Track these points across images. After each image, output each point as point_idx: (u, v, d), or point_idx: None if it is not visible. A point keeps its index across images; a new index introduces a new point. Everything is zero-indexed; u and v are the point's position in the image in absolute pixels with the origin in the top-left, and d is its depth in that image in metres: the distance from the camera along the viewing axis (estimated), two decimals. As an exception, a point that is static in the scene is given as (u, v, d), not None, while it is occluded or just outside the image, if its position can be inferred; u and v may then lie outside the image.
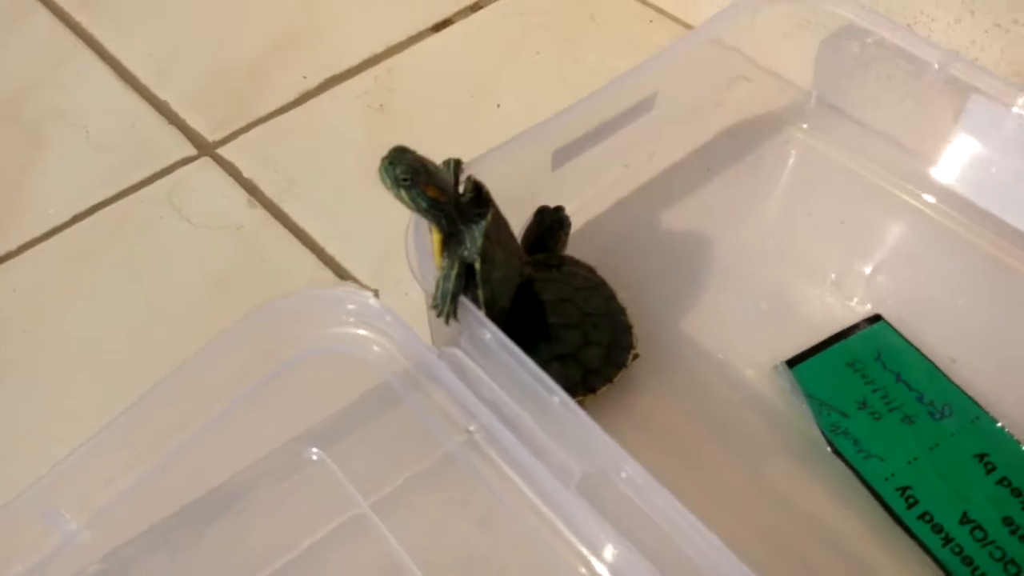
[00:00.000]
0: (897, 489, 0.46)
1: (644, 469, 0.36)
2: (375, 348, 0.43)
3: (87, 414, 0.46)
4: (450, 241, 0.43)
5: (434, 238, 0.43)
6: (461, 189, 0.46)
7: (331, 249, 0.59)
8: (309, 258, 0.59)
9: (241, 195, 0.63)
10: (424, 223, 0.44)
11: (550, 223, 0.53)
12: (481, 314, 0.42)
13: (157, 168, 0.64)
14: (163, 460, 0.43)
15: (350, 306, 0.42)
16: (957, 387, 0.50)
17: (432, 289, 0.42)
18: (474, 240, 0.42)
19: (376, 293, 0.56)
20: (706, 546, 0.35)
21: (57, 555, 0.42)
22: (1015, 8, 0.56)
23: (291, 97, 0.69)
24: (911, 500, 0.46)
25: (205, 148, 0.66)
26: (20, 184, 0.63)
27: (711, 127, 0.64)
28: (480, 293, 0.42)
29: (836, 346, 0.52)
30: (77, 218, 0.62)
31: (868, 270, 0.57)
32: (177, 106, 0.69)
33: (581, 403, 0.48)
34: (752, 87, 0.64)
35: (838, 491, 0.47)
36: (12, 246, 0.60)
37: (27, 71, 0.71)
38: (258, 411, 0.42)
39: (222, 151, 0.66)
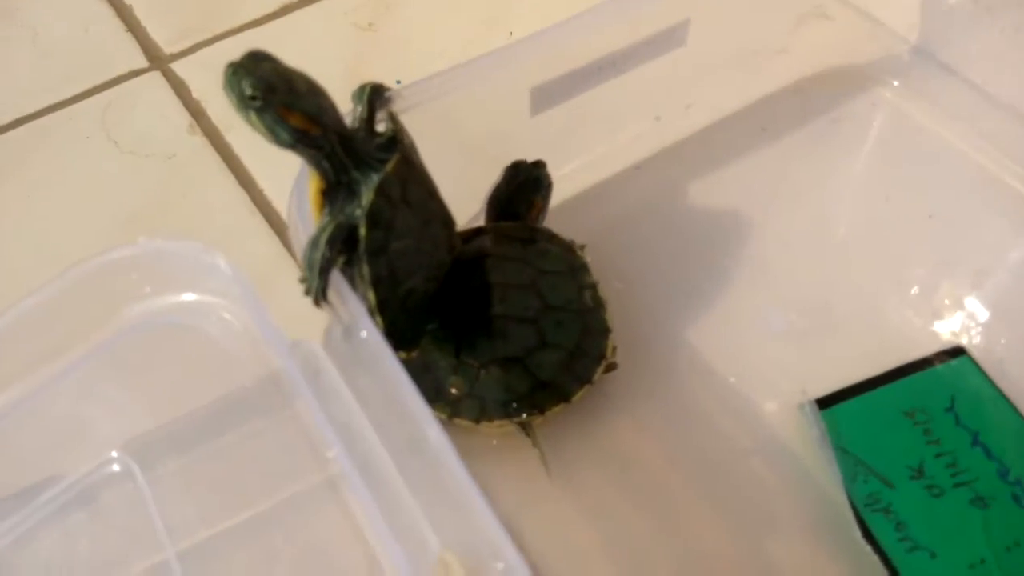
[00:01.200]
0: (950, 604, 0.32)
1: (527, 566, 0.23)
2: (222, 325, 0.31)
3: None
4: (335, 194, 0.31)
5: (312, 187, 0.31)
6: (381, 127, 0.34)
7: (270, 192, 0.49)
8: (242, 200, 0.48)
9: (183, 118, 0.52)
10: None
11: (523, 180, 0.40)
12: (361, 301, 0.30)
13: (99, 81, 0.55)
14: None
15: (194, 268, 0.31)
16: (1062, 463, 0.35)
17: (302, 255, 0.30)
18: (366, 194, 0.30)
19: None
20: None
21: None
22: None
23: (271, 8, 0.59)
24: (968, 623, 0.32)
25: (158, 61, 0.56)
26: (-54, 88, 0.55)
27: (771, 77, 0.50)
28: (365, 269, 0.30)
29: (893, 384, 0.37)
30: (-2, 131, 0.52)
31: (957, 285, 0.42)
32: (141, 11, 0.59)
33: (525, 425, 0.36)
34: (831, 28, 0.49)
35: (865, 592, 0.33)
36: (-81, 156, 0.51)
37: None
38: (59, 399, 0.31)
39: (176, 65, 0.55)
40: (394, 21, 0.57)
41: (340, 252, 0.30)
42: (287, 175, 0.48)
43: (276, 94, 0.29)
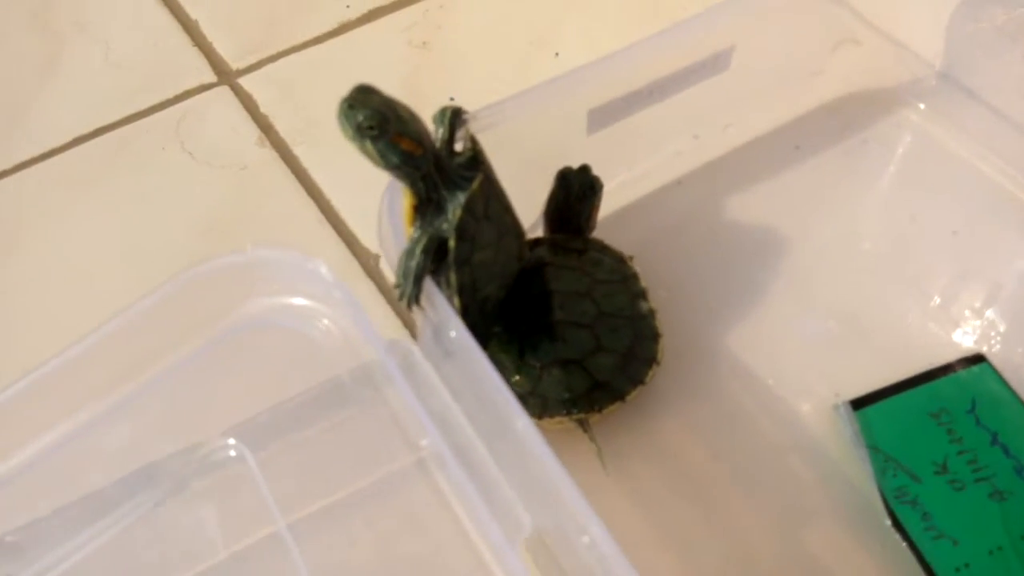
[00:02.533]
0: (971, 586, 0.35)
1: (612, 538, 0.27)
2: (322, 327, 0.35)
3: (44, 351, 0.41)
4: (426, 209, 0.34)
5: (405, 203, 0.34)
6: (459, 147, 0.37)
7: (337, 202, 0.52)
8: (311, 210, 0.52)
9: (253, 131, 0.56)
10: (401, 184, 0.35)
11: (579, 187, 0.43)
12: (449, 304, 0.33)
13: (171, 94, 0.58)
14: (73, 431, 0.37)
15: (298, 274, 0.34)
16: (1074, 461, 0.38)
17: (397, 262, 0.34)
18: (455, 210, 0.34)
19: (377, 259, 0.49)
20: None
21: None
22: None
23: (329, 26, 0.62)
24: (988, 604, 0.35)
25: (226, 76, 0.59)
26: (29, 100, 0.59)
27: (805, 99, 0.53)
28: (453, 277, 0.34)
29: (920, 388, 0.41)
30: (78, 140, 0.56)
31: (978, 297, 0.45)
32: (206, 27, 0.62)
33: (583, 422, 0.40)
34: (862, 54, 0.52)
35: (894, 574, 0.37)
36: (7, 165, 0.55)
37: (60, -23, 0.66)
38: (184, 388, 0.35)
39: (243, 80, 0.59)
40: (446, 40, 0.61)
41: (435, 260, 0.33)
42: (352, 186, 0.52)
43: (389, 123, 0.32)
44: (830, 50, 0.52)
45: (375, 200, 0.51)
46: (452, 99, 0.57)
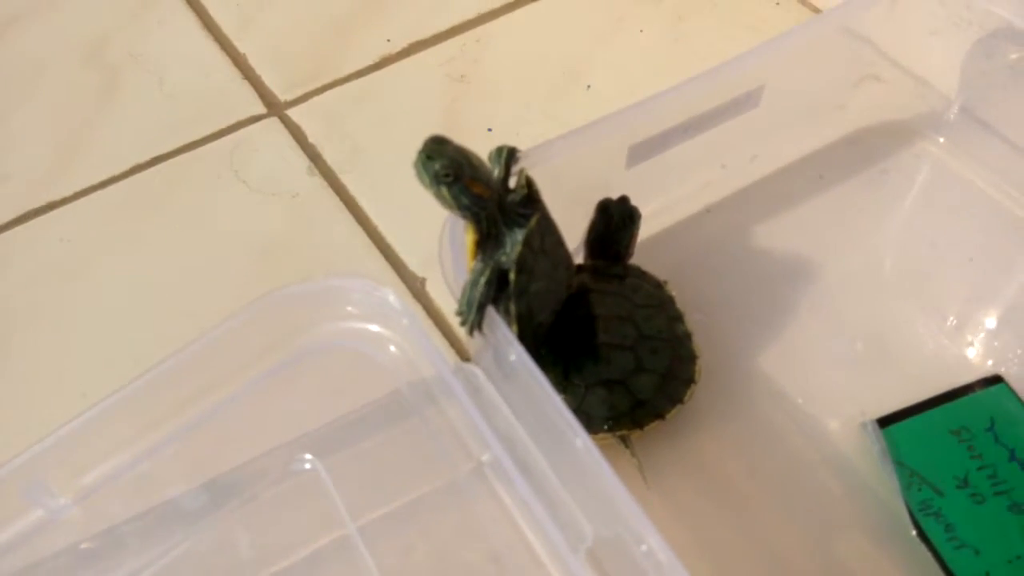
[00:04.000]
0: (993, 593, 0.38)
1: (668, 545, 0.30)
2: (389, 351, 0.38)
3: (110, 372, 0.44)
4: (486, 243, 0.37)
5: (468, 238, 0.37)
6: (512, 184, 0.40)
7: (384, 229, 0.55)
8: (360, 236, 0.55)
9: (302, 161, 0.59)
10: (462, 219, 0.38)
11: (619, 217, 0.46)
12: (509, 330, 0.36)
13: (223, 125, 0.61)
14: (156, 445, 0.40)
15: (367, 301, 0.37)
16: (1088, 477, 0.41)
17: (461, 293, 0.37)
18: (514, 245, 0.37)
19: (423, 282, 0.52)
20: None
21: (40, 531, 0.40)
22: None
23: (371, 60, 0.65)
24: (1009, 610, 0.38)
25: (275, 108, 0.62)
26: (87, 130, 0.62)
27: (830, 131, 0.56)
28: (512, 306, 0.37)
29: (941, 407, 0.43)
30: (136, 169, 0.59)
31: (994, 320, 0.48)
32: (254, 60, 0.65)
33: (625, 438, 0.42)
34: (884, 89, 0.55)
35: (919, 584, 0.39)
36: (68, 192, 0.58)
37: (113, 13, 0.70)
38: (259, 404, 0.38)
39: (291, 112, 0.62)
40: (483, 73, 0.64)
41: (496, 290, 0.36)
42: (398, 213, 0.55)
43: (463, 169, 0.35)
44: (853, 85, 0.55)
45: (420, 225, 0.54)
46: (490, 130, 0.60)
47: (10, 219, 0.57)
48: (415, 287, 0.52)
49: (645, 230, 0.51)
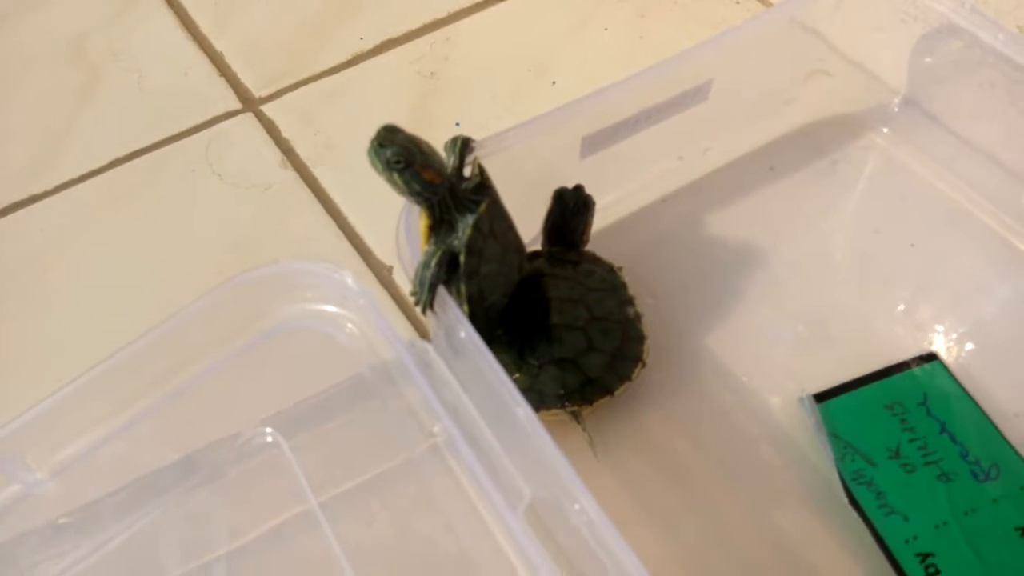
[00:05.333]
0: (917, 555, 0.40)
1: (599, 505, 0.32)
2: (347, 329, 0.40)
3: (87, 356, 0.46)
4: (440, 228, 0.39)
5: (422, 223, 0.40)
6: (467, 172, 0.42)
7: (353, 219, 0.57)
8: (330, 227, 0.57)
9: (276, 155, 0.61)
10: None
11: (573, 205, 0.48)
12: (460, 310, 0.38)
13: (199, 120, 0.63)
14: (127, 423, 0.42)
15: (327, 284, 0.39)
16: (1012, 447, 0.43)
17: (414, 273, 0.39)
18: (464, 229, 0.39)
19: (390, 270, 0.54)
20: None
21: (16, 503, 0.42)
22: None
23: (344, 58, 0.67)
24: (931, 570, 0.40)
25: (250, 103, 0.64)
26: (69, 125, 0.64)
27: (780, 124, 0.58)
28: (463, 287, 0.39)
29: (877, 384, 0.46)
30: (115, 163, 0.61)
31: (932, 303, 0.50)
32: (231, 58, 0.68)
33: (576, 414, 0.45)
34: (832, 83, 0.58)
35: (851, 548, 0.42)
36: (49, 186, 0.60)
37: (94, 12, 0.72)
38: (221, 385, 0.40)
39: (266, 108, 0.64)
40: (452, 70, 0.66)
41: (447, 272, 0.38)
42: (367, 204, 0.57)
43: (414, 156, 0.37)
44: (802, 80, 0.57)
45: (388, 216, 0.56)
46: (458, 124, 0.62)
47: (-6, 210, 0.59)
48: (382, 275, 0.54)
49: (603, 219, 0.53)
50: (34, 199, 0.60)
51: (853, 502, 0.42)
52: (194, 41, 0.69)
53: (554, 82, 0.64)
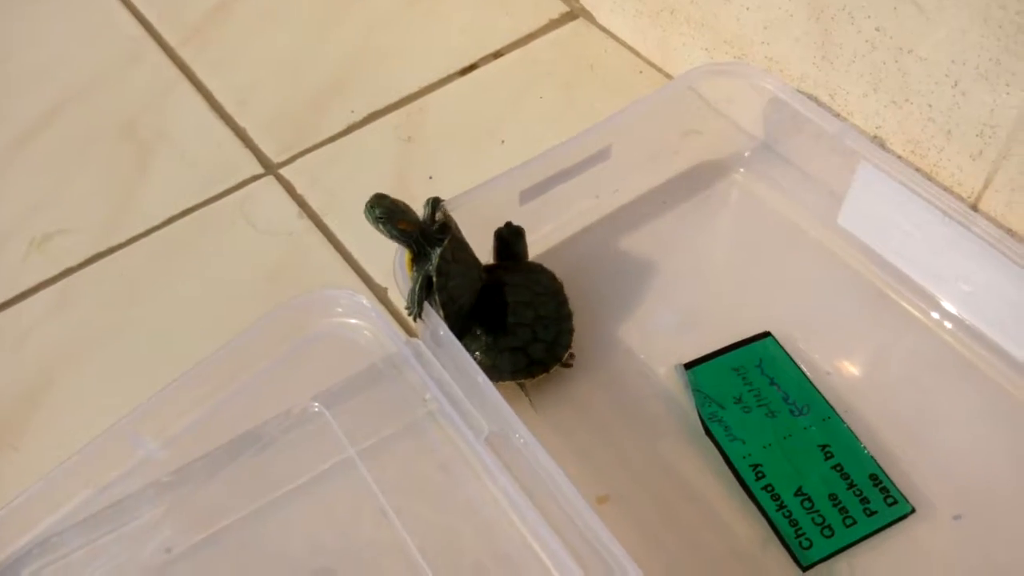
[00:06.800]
0: (751, 465, 0.61)
1: (530, 433, 0.52)
2: (364, 335, 0.60)
3: (168, 372, 0.65)
4: (419, 259, 0.60)
5: (406, 256, 0.60)
6: (436, 218, 0.62)
7: (356, 254, 0.77)
8: (339, 260, 0.76)
9: (294, 208, 0.81)
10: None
11: (507, 235, 0.69)
12: (438, 316, 0.58)
13: (233, 183, 0.83)
14: (214, 406, 0.61)
15: (348, 304, 0.60)
16: (819, 393, 0.64)
17: (406, 294, 0.59)
18: (434, 259, 0.59)
19: (386, 290, 0.74)
20: (567, 489, 0.51)
21: (141, 465, 0.61)
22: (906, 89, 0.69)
23: (340, 128, 0.87)
24: (760, 474, 0.60)
25: (270, 168, 0.84)
26: (131, 192, 0.83)
27: (668, 169, 0.79)
28: (437, 298, 0.59)
29: (728, 355, 0.66)
30: (171, 219, 0.81)
31: (768, 294, 0.71)
32: (252, 132, 0.87)
33: (522, 385, 0.65)
34: (704, 138, 0.78)
35: (708, 464, 0.62)
36: (122, 239, 0.79)
37: (136, 99, 0.91)
38: (280, 375, 0.60)
39: (283, 171, 0.84)
40: (426, 134, 0.85)
41: (427, 290, 0.58)
42: (366, 243, 0.77)
43: (393, 214, 0.57)
44: (680, 136, 0.78)
45: (380, 250, 0.75)
46: (431, 177, 0.82)
47: (80, 261, 0.78)
48: (380, 294, 0.74)
49: (541, 245, 0.73)
50: (111, 250, 0.79)
51: (709, 433, 0.62)
52: (221, 119, 0.88)
53: (503, 141, 0.84)
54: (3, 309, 0.75)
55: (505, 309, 0.65)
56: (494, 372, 0.64)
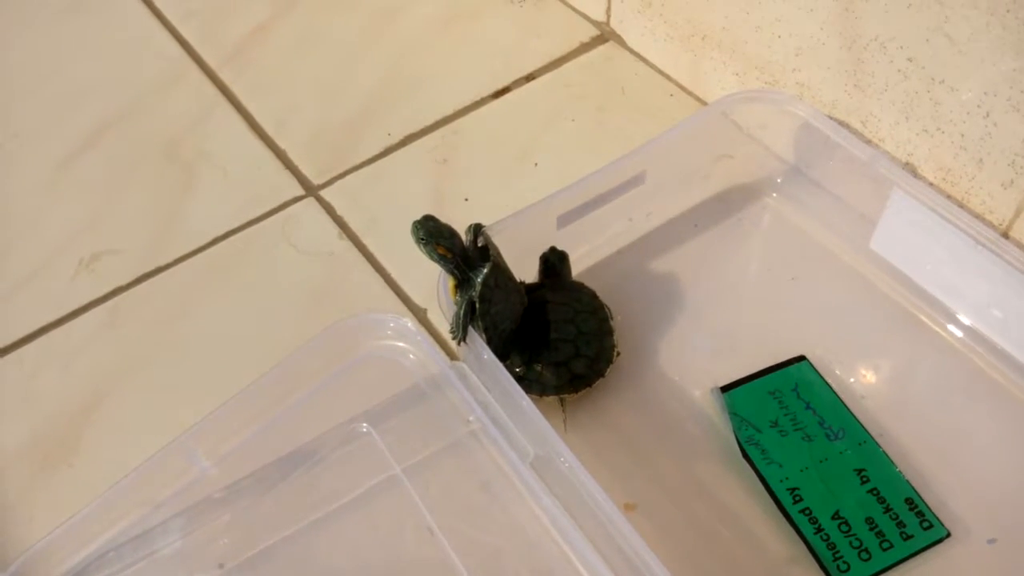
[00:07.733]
0: (788, 489, 0.62)
1: (575, 456, 0.54)
2: (410, 358, 0.62)
3: (216, 389, 0.67)
4: (462, 285, 0.61)
5: (450, 283, 0.62)
6: (479, 243, 0.64)
7: (395, 275, 0.78)
8: (378, 281, 0.78)
9: (334, 229, 0.83)
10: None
11: (553, 259, 0.70)
12: (482, 340, 0.60)
13: (275, 204, 0.85)
14: (265, 425, 0.63)
15: (394, 327, 0.61)
16: (854, 417, 0.65)
17: (450, 319, 0.61)
18: (476, 286, 0.61)
19: (425, 312, 0.76)
20: (612, 513, 0.52)
21: (195, 483, 0.63)
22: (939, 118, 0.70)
23: (377, 150, 0.89)
24: (797, 497, 0.62)
25: (311, 190, 0.86)
26: (176, 212, 0.85)
27: (700, 193, 0.80)
28: (480, 323, 0.61)
29: (764, 378, 0.68)
30: (215, 241, 0.83)
31: (803, 319, 0.72)
32: (292, 154, 0.89)
33: (563, 400, 0.66)
34: (736, 162, 0.80)
35: (745, 487, 0.63)
36: (170, 259, 0.81)
37: (183, 118, 0.93)
38: (329, 395, 0.62)
39: (323, 193, 0.86)
40: (460, 156, 0.87)
41: (470, 315, 0.60)
42: (405, 263, 0.79)
43: (435, 237, 0.59)
44: (713, 161, 0.79)
45: (420, 273, 0.77)
46: (466, 200, 0.84)
47: (129, 280, 0.80)
48: (419, 315, 0.76)
49: (575, 267, 0.75)
50: (159, 270, 0.81)
51: (746, 457, 0.64)
52: (262, 141, 0.91)
53: (536, 163, 0.86)
54: (54, 328, 0.77)
55: (548, 326, 0.67)
56: (537, 387, 0.65)
